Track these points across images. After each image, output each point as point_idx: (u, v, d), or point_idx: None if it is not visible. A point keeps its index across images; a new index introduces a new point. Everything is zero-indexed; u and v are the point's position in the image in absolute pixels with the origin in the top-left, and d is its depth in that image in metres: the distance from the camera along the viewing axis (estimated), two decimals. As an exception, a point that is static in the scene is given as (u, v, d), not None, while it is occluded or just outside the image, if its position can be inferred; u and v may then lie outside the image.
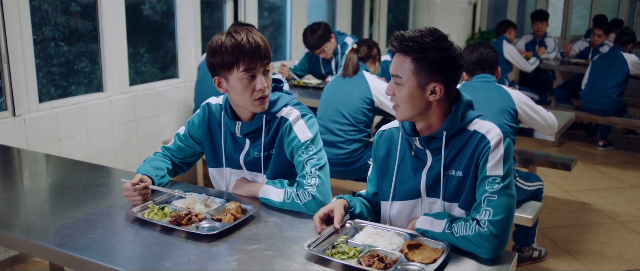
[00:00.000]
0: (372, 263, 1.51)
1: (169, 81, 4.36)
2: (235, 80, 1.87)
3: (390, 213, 1.85)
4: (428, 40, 1.65)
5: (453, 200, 1.74)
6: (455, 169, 1.72)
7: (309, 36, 4.52)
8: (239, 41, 1.83)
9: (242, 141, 2.04)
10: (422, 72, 1.66)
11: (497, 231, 1.58)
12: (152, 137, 4.07)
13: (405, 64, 1.67)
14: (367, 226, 1.73)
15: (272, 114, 1.98)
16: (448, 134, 1.71)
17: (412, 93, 1.68)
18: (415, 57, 1.66)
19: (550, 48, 6.76)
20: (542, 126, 3.08)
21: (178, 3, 4.33)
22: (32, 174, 2.41)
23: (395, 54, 1.71)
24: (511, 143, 1.69)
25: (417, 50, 1.65)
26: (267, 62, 1.90)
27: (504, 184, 1.63)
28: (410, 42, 1.65)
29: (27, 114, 3.26)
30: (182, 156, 2.17)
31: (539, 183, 3.11)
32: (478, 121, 1.72)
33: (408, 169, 1.80)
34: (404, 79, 1.67)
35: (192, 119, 2.13)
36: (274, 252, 1.60)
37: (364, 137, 3.35)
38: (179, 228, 1.70)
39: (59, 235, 1.70)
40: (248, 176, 2.07)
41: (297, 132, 1.94)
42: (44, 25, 3.53)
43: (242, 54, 1.83)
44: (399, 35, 1.68)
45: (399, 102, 1.71)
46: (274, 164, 2.01)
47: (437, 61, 1.65)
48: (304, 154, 1.93)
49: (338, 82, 3.46)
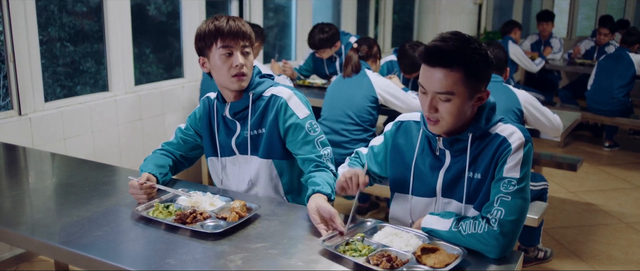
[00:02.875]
0: (380, 263, 1.50)
1: (175, 80, 4.37)
2: (215, 57, 1.99)
3: (410, 207, 1.84)
4: (472, 48, 1.58)
5: (470, 202, 1.72)
6: (475, 172, 1.70)
7: (315, 35, 4.51)
8: (219, 23, 1.98)
9: (233, 125, 2.10)
10: (473, 82, 1.60)
11: (507, 231, 1.57)
12: (157, 136, 4.08)
13: (455, 79, 1.58)
14: (387, 227, 1.72)
15: (258, 93, 2.06)
16: (473, 136, 1.69)
17: (463, 106, 1.62)
18: (466, 69, 1.58)
19: (555, 48, 6.74)
20: (546, 127, 3.06)
21: (183, 3, 4.34)
22: (38, 172, 2.41)
23: (435, 69, 1.59)
24: (531, 148, 1.67)
25: (467, 61, 1.57)
26: (247, 44, 2.01)
27: (519, 187, 1.61)
28: (457, 54, 1.57)
29: (32, 113, 3.27)
30: (184, 149, 2.22)
31: (543, 183, 3.10)
32: (501, 125, 1.71)
33: (426, 167, 1.78)
34: (457, 94, 1.59)
35: (193, 112, 2.21)
36: (278, 250, 1.60)
37: (369, 136, 3.34)
38: (184, 226, 1.70)
39: (64, 233, 1.71)
40: (242, 161, 2.13)
41: (295, 109, 2.04)
42: (50, 25, 3.54)
43: (220, 33, 1.97)
44: (438, 50, 1.58)
45: (445, 116, 1.63)
46: (266, 143, 2.06)
47: (484, 67, 1.61)
48: (312, 133, 2.03)
49: (340, 82, 3.45)
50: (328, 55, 4.60)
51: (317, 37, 4.48)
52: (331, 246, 1.58)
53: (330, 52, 4.58)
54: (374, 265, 1.49)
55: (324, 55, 4.60)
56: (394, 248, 1.59)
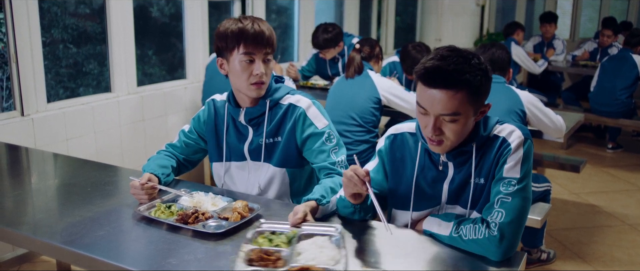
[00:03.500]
0: (258, 258, 1.47)
1: (177, 81, 4.38)
2: (236, 62, 1.92)
3: (411, 219, 1.80)
4: (472, 65, 1.54)
5: (473, 207, 1.70)
6: (478, 177, 1.68)
7: (319, 35, 4.51)
8: (244, 25, 1.90)
9: (245, 130, 2.06)
10: (476, 99, 1.57)
11: (507, 235, 1.54)
12: (159, 137, 4.08)
13: (460, 99, 1.53)
14: (317, 237, 1.59)
15: (275, 100, 2.01)
16: (476, 146, 1.67)
17: (468, 124, 1.60)
18: (470, 89, 1.53)
19: (558, 50, 6.72)
20: (549, 128, 3.05)
21: (186, 5, 4.35)
22: (40, 172, 2.42)
23: (436, 90, 1.53)
24: (531, 145, 1.65)
25: (471, 81, 1.53)
26: (270, 51, 1.94)
27: (520, 187, 1.59)
28: (459, 75, 1.51)
29: (35, 113, 3.27)
30: (187, 153, 2.20)
31: (546, 184, 3.09)
32: (498, 126, 1.69)
33: (428, 181, 1.74)
34: (463, 114, 1.55)
35: (197, 115, 2.17)
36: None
37: (372, 138, 3.34)
38: (186, 226, 1.70)
39: (66, 232, 1.70)
40: (252, 167, 2.08)
41: (313, 119, 2.00)
42: (53, 27, 3.55)
43: (244, 37, 1.89)
44: (439, 70, 1.52)
45: (451, 136, 1.59)
46: (282, 152, 2.02)
47: (484, 82, 1.58)
48: (329, 143, 1.99)
49: (343, 83, 3.45)
50: (332, 55, 4.60)
51: (321, 37, 4.47)
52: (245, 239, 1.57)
53: (334, 53, 4.58)
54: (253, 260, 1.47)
55: (327, 55, 4.60)
56: (304, 260, 1.47)
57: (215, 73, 3.99)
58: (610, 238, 3.73)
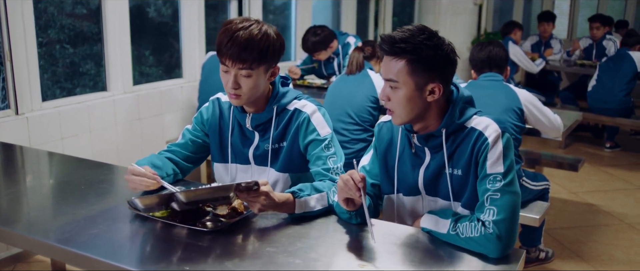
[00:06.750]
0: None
1: (173, 80, 4.36)
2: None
3: (396, 206, 1.82)
4: (420, 39, 1.59)
5: (455, 199, 1.71)
6: (455, 168, 1.68)
7: (308, 38, 4.49)
8: (227, 35, 1.80)
9: (251, 134, 2.02)
10: (418, 73, 1.60)
11: (503, 232, 1.54)
12: (155, 136, 4.06)
13: (399, 67, 1.60)
14: None
15: (282, 105, 1.98)
16: (447, 132, 1.67)
17: (410, 96, 1.62)
18: (410, 59, 1.59)
19: (556, 50, 6.73)
20: (547, 127, 3.04)
21: (182, 4, 4.33)
22: (34, 171, 2.40)
23: (386, 57, 1.64)
24: (510, 138, 1.65)
25: (411, 51, 1.58)
26: (246, 66, 1.81)
27: (506, 182, 1.59)
28: (402, 43, 1.58)
29: (30, 112, 3.25)
30: (192, 150, 2.11)
31: (545, 183, 3.08)
32: (476, 118, 1.68)
33: (407, 164, 1.77)
34: (400, 83, 1.61)
35: (200, 112, 2.11)
36: (276, 248, 1.58)
37: (369, 136, 3.33)
38: (181, 224, 1.68)
39: (60, 231, 1.68)
40: (256, 171, 2.05)
41: (317, 125, 1.96)
42: (49, 27, 3.53)
43: (220, 47, 1.82)
44: (388, 37, 1.61)
45: (396, 106, 1.65)
46: (285, 157, 1.99)
47: (432, 59, 1.60)
48: (327, 151, 1.95)
49: (342, 81, 3.45)
50: (325, 56, 4.58)
51: (310, 40, 4.46)
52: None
53: (327, 54, 4.56)
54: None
55: (320, 57, 4.59)
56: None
57: (211, 72, 3.97)
58: (608, 237, 3.72)
